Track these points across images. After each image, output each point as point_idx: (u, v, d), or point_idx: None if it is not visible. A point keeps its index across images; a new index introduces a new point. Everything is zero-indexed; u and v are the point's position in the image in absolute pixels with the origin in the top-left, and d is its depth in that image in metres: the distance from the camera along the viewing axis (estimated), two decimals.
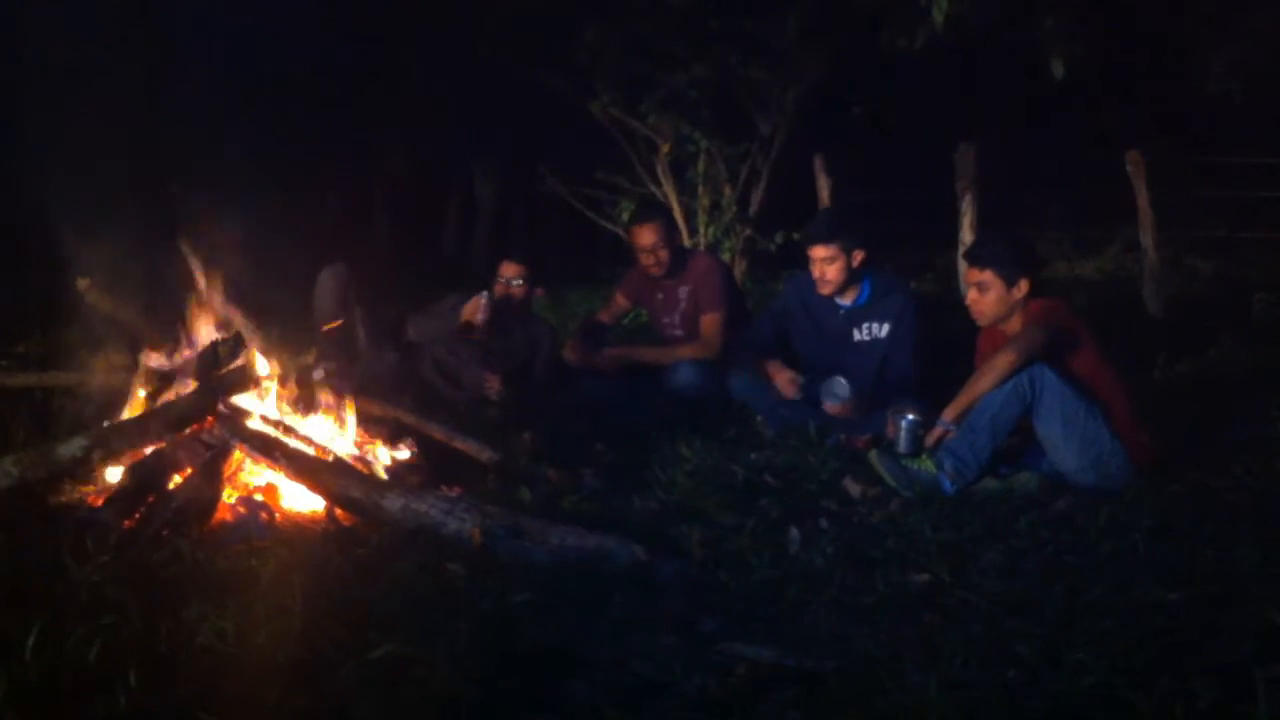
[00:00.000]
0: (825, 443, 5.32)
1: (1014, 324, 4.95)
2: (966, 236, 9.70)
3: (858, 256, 5.68)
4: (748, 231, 11.30)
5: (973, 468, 4.67)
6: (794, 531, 4.18)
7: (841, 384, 5.56)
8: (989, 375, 4.72)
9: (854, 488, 4.76)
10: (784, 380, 5.66)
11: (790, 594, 3.64)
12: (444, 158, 12.84)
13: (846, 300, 5.80)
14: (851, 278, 5.72)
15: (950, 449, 4.70)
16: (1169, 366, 6.79)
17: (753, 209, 11.43)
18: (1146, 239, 9.27)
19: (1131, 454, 4.65)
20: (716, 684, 2.97)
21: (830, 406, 5.54)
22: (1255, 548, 3.80)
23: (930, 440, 4.80)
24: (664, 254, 6.35)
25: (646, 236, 6.35)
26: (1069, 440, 4.66)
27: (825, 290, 5.74)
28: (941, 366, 5.45)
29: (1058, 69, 9.11)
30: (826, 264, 5.69)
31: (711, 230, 11.29)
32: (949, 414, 4.81)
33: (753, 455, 5.20)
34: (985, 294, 4.96)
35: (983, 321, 5.06)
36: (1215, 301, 9.10)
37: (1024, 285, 4.90)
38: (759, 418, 5.77)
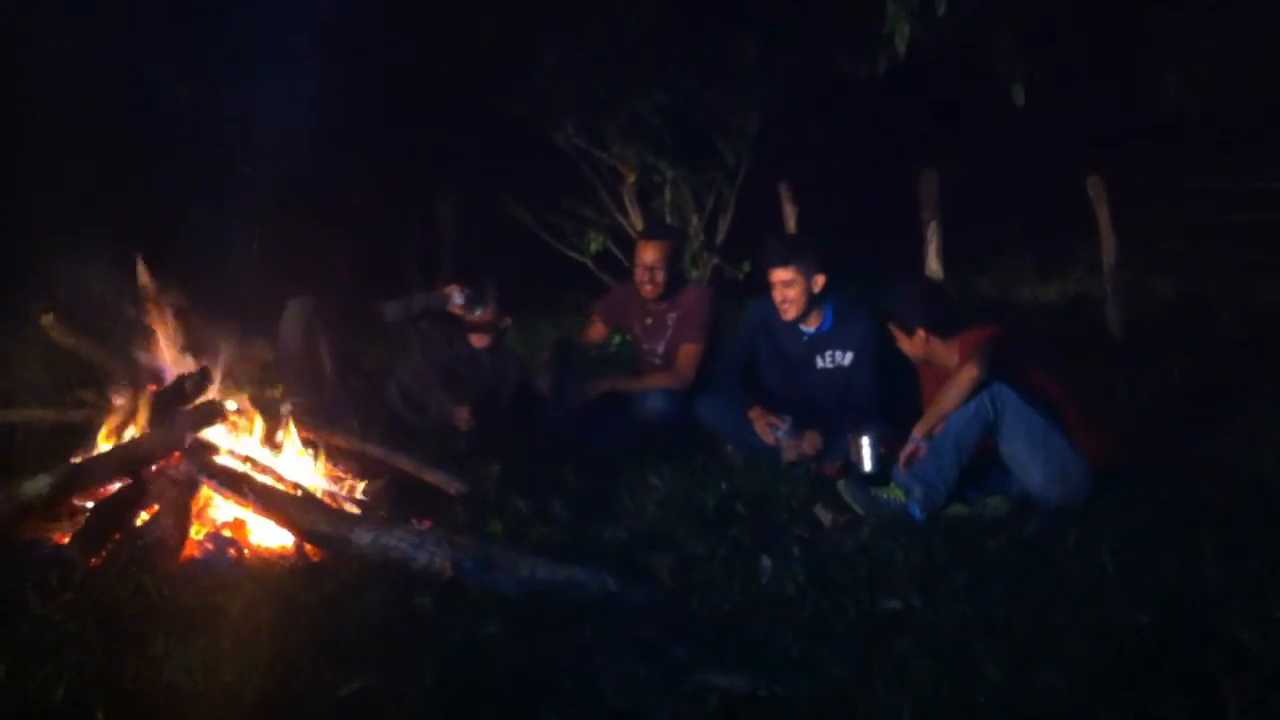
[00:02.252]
0: (795, 470, 5.32)
1: (951, 358, 5.02)
2: (932, 263, 9.77)
3: (818, 281, 5.65)
4: (715, 260, 11.33)
5: (941, 492, 4.70)
6: (765, 560, 4.17)
7: (782, 427, 5.56)
8: (953, 391, 4.78)
9: (825, 515, 4.77)
10: (762, 427, 5.62)
11: (761, 621, 3.63)
12: (405, 187, 12.82)
13: (809, 327, 5.78)
14: (813, 302, 5.71)
15: (918, 476, 4.72)
16: (1132, 386, 6.84)
17: (719, 237, 11.44)
18: (1108, 261, 9.35)
19: (1091, 461, 4.71)
20: (689, 712, 2.96)
21: (789, 455, 5.49)
22: (1220, 564, 3.84)
23: (903, 456, 4.83)
24: (661, 275, 6.22)
25: (650, 253, 6.23)
26: (1033, 456, 4.70)
27: (788, 315, 5.72)
28: (907, 391, 5.46)
29: (1018, 94, 9.20)
30: (787, 287, 5.66)
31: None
32: (918, 431, 4.85)
33: (723, 483, 5.18)
34: (898, 340, 5.29)
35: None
36: (1177, 322, 9.18)
37: (920, 333, 5.16)
38: (728, 446, 5.77)
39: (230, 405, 4.84)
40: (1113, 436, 4.90)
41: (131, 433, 4.64)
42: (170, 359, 4.97)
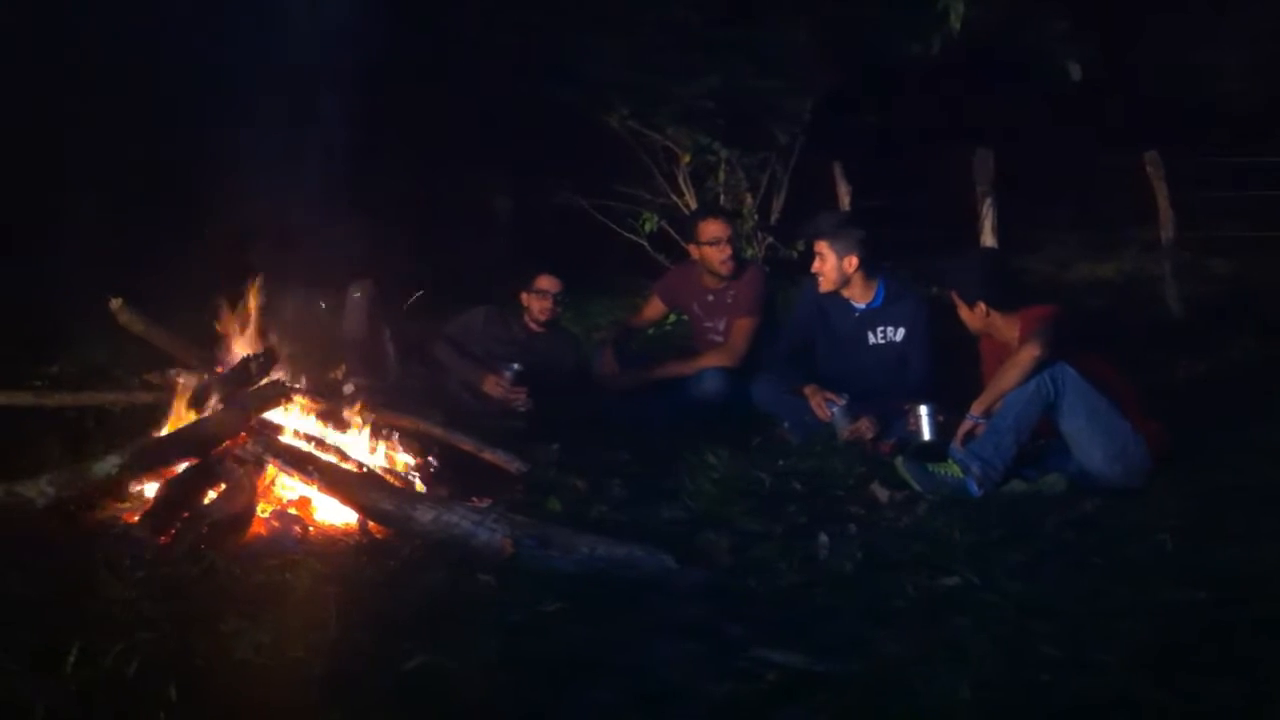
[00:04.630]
0: (850, 449, 5.33)
1: (1010, 333, 5.02)
2: (988, 240, 9.71)
3: (851, 261, 5.71)
4: (769, 239, 11.32)
5: (998, 469, 4.70)
6: (823, 537, 4.18)
7: (839, 403, 5.56)
8: (1014, 370, 4.77)
9: (881, 492, 4.78)
10: (817, 401, 5.64)
11: (818, 599, 3.65)
12: (458, 171, 12.86)
13: (860, 302, 5.82)
14: (844, 279, 5.76)
15: (975, 452, 4.73)
16: (1191, 366, 6.78)
17: (774, 217, 11.44)
18: (1167, 240, 9.25)
19: (1148, 444, 4.70)
20: (745, 690, 2.98)
21: (846, 435, 5.50)
22: (1278, 546, 3.81)
23: (961, 434, 4.84)
24: (730, 249, 6.35)
25: (720, 229, 6.34)
26: (1094, 434, 4.70)
27: (821, 286, 5.81)
28: (959, 371, 5.46)
29: (1075, 71, 9.12)
30: (820, 260, 5.78)
31: None
32: (977, 409, 4.86)
33: (779, 462, 5.20)
34: (959, 310, 5.25)
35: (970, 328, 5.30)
36: (1235, 301, 9.07)
37: (981, 306, 5.13)
38: (785, 424, 5.78)
39: (294, 386, 4.91)
40: (1168, 427, 4.87)
41: (198, 414, 4.72)
42: (236, 341, 5.05)
